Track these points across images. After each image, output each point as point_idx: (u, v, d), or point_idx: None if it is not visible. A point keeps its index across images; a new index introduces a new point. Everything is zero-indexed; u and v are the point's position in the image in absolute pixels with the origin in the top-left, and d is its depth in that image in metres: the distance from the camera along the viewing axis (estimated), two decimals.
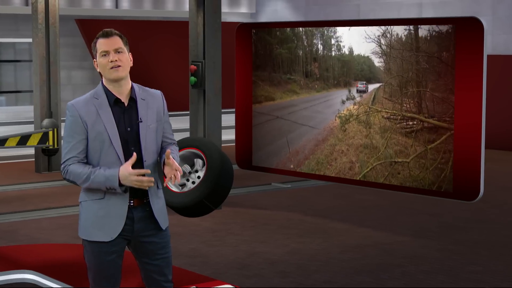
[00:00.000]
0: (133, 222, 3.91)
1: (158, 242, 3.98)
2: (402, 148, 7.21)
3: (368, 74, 7.49)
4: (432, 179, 7.00)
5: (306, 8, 18.76)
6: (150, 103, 3.96)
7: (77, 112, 3.86)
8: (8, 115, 18.08)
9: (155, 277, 4.00)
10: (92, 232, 3.88)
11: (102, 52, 3.86)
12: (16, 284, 6.25)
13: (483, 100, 6.71)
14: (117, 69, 3.85)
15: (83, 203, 3.94)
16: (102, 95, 3.90)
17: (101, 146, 3.85)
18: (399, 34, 7.17)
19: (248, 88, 8.65)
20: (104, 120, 3.85)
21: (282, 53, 8.16)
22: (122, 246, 3.94)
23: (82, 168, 3.84)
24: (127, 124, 3.89)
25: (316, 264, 6.87)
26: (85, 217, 3.93)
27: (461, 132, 6.85)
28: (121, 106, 3.90)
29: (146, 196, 3.93)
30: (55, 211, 9.02)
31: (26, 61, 19.07)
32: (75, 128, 3.86)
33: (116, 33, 3.90)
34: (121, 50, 3.88)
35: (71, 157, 3.86)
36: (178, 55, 16.56)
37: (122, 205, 3.87)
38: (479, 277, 6.51)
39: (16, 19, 17.98)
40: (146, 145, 3.91)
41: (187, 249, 7.32)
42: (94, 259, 3.91)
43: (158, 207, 3.97)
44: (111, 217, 3.86)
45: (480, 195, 6.81)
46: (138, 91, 3.96)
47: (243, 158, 8.83)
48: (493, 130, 13.37)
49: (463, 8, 15.31)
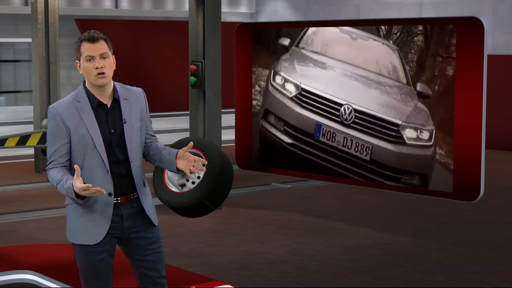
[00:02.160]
0: (122, 219, 3.90)
1: (149, 237, 3.96)
2: None
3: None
4: None
5: (306, 8, 18.76)
6: (133, 102, 3.95)
7: (59, 116, 3.84)
8: (8, 115, 18.08)
9: (148, 273, 3.98)
10: (78, 235, 3.88)
11: (87, 57, 3.82)
12: (16, 284, 6.24)
13: (483, 100, 6.70)
14: (102, 75, 3.83)
15: (69, 206, 3.93)
16: (84, 98, 3.87)
17: (85, 149, 3.83)
18: None
19: (248, 88, 8.64)
20: (87, 123, 3.83)
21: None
22: (112, 245, 3.93)
23: (56, 174, 3.83)
24: (111, 126, 3.88)
25: (316, 264, 6.86)
26: (71, 221, 3.92)
27: (461, 132, 6.84)
28: (104, 108, 3.88)
29: (133, 191, 3.92)
30: (54, 211, 9.02)
31: (25, 61, 19.07)
32: (57, 132, 3.85)
33: (102, 37, 3.85)
34: (106, 55, 3.85)
35: (52, 160, 3.87)
36: (178, 55, 16.54)
37: (107, 207, 3.86)
38: (480, 278, 6.50)
39: (16, 19, 17.99)
40: (131, 145, 3.90)
41: (187, 249, 7.31)
42: (84, 260, 3.90)
43: (147, 204, 3.97)
44: (96, 221, 3.85)
45: (481, 196, 6.80)
46: (121, 91, 3.94)
47: (243, 158, 8.82)
48: (494, 130, 13.36)
49: (463, 8, 15.31)
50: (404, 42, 7.07)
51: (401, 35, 7.09)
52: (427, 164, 6.94)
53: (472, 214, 8.85)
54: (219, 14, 9.14)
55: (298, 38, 7.80)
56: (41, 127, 11.53)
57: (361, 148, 7.33)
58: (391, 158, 7.13)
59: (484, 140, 6.75)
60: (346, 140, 7.41)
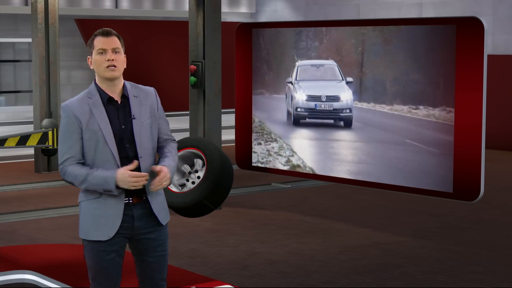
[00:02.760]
0: (133, 220, 3.92)
1: (156, 240, 3.99)
2: None
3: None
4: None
5: (306, 8, 18.75)
6: (143, 99, 3.99)
7: (72, 112, 3.88)
8: (8, 115, 18.08)
9: (150, 274, 4.02)
10: (90, 231, 3.90)
11: (100, 49, 3.89)
12: (16, 284, 6.24)
13: (483, 100, 6.70)
14: (112, 68, 3.88)
15: (82, 203, 3.96)
16: (95, 94, 3.92)
17: (96, 144, 3.87)
18: None
19: (248, 88, 8.65)
20: (98, 119, 3.87)
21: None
22: (122, 245, 3.95)
23: (80, 169, 3.86)
24: (121, 121, 3.92)
25: (316, 264, 6.86)
26: (83, 217, 3.95)
27: (461, 132, 6.84)
28: (115, 104, 3.93)
29: (144, 192, 3.94)
30: (54, 211, 9.01)
31: (25, 61, 19.07)
32: (70, 128, 3.89)
33: (115, 34, 3.94)
34: (118, 50, 3.92)
35: (68, 157, 3.88)
36: (178, 55, 16.55)
37: (118, 204, 3.88)
38: (480, 278, 6.50)
39: (16, 19, 17.99)
40: (141, 141, 3.92)
41: (187, 249, 7.31)
42: (94, 258, 3.92)
43: (157, 203, 3.98)
44: (108, 216, 3.88)
45: (481, 195, 6.80)
46: (130, 89, 3.99)
47: (243, 158, 8.83)
48: (494, 130, 13.36)
49: (463, 8, 15.30)
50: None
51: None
52: None
53: (472, 214, 8.85)
54: (219, 14, 9.14)
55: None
56: (41, 127, 11.52)
57: None
58: None
59: (484, 140, 6.75)
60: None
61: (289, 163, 8.36)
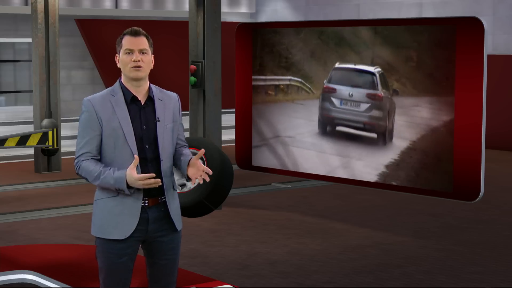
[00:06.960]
0: (148, 223, 3.89)
1: (169, 243, 3.98)
2: None
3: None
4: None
5: (306, 8, 18.76)
6: (167, 103, 3.99)
7: (93, 107, 3.86)
8: (8, 115, 18.07)
9: (160, 276, 4.01)
10: (107, 229, 3.87)
11: (127, 49, 3.87)
12: (16, 284, 6.24)
13: (483, 100, 6.70)
14: (138, 69, 3.86)
15: (98, 201, 3.92)
16: (119, 92, 3.91)
17: (116, 142, 3.84)
18: None
19: (248, 88, 8.64)
20: (120, 116, 3.85)
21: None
22: (135, 249, 3.93)
23: (94, 166, 3.83)
24: (143, 122, 3.90)
25: (316, 264, 6.86)
26: (100, 215, 3.91)
27: (461, 132, 6.84)
28: (138, 104, 3.91)
29: (161, 195, 3.92)
30: (54, 211, 9.02)
31: (25, 61, 19.06)
32: (89, 124, 3.86)
33: (144, 34, 3.91)
34: (146, 51, 3.89)
35: (84, 152, 3.86)
36: (178, 55, 16.55)
37: (135, 203, 3.85)
38: (480, 278, 6.50)
39: (16, 19, 17.98)
40: (163, 144, 3.92)
41: (187, 249, 7.31)
42: (105, 260, 3.89)
43: (174, 207, 3.98)
44: (125, 215, 3.85)
45: (481, 195, 6.80)
46: (156, 92, 3.98)
47: (243, 158, 8.82)
48: (494, 130, 13.37)
49: (463, 8, 15.30)
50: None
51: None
52: None
53: (472, 214, 8.85)
54: (219, 14, 9.14)
55: None
56: (41, 127, 11.53)
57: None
58: None
59: (484, 140, 6.74)
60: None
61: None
